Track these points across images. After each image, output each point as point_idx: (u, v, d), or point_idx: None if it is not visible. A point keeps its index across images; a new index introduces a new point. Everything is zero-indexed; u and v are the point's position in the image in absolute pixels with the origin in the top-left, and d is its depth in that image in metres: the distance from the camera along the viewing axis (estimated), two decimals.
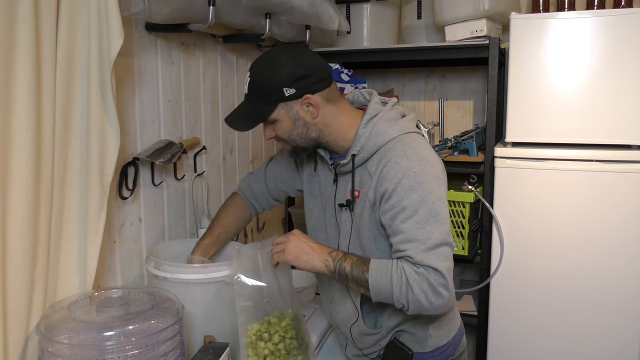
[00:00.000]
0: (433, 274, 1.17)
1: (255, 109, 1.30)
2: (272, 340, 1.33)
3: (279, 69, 1.26)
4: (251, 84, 1.30)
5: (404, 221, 1.22)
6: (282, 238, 1.32)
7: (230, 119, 1.35)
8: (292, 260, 1.28)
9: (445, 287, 1.17)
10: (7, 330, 1.09)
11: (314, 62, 1.30)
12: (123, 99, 1.48)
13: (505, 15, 2.18)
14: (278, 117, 1.30)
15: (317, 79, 1.29)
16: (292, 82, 1.26)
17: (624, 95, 1.89)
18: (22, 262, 1.10)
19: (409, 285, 1.18)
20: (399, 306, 1.22)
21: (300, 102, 1.28)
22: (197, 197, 1.89)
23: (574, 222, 1.97)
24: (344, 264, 1.25)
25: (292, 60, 1.27)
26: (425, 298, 1.17)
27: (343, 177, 1.38)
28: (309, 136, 1.33)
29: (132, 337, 1.12)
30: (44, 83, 1.11)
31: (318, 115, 1.30)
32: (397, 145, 1.27)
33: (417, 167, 1.24)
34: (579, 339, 2.00)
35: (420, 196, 1.21)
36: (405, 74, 2.79)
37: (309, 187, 1.51)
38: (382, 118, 1.32)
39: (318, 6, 1.99)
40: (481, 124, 2.63)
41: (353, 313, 1.42)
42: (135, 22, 1.52)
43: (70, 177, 1.23)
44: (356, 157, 1.31)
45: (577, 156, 1.95)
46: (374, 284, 1.22)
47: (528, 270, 2.04)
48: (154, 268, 1.42)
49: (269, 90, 1.27)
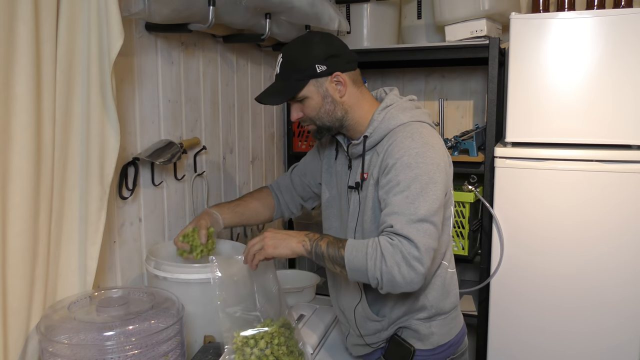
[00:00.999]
0: (407, 245, 1.18)
1: (287, 85, 1.35)
2: (259, 346, 1.33)
3: (311, 47, 1.34)
4: (283, 63, 1.36)
5: (396, 195, 1.25)
6: (256, 239, 1.34)
7: (260, 96, 1.39)
8: (272, 251, 1.30)
9: (419, 261, 1.18)
10: (7, 330, 1.09)
11: (343, 45, 1.40)
12: (123, 99, 1.48)
13: (505, 15, 2.18)
14: (308, 93, 1.35)
15: (347, 60, 1.37)
16: (324, 59, 1.33)
17: (624, 95, 1.89)
18: (22, 261, 1.10)
19: (383, 257, 1.19)
20: (374, 283, 1.22)
21: (330, 79, 1.35)
22: (197, 197, 1.89)
23: (573, 222, 1.97)
24: (320, 242, 1.29)
25: (323, 41, 1.36)
26: (399, 270, 1.17)
27: (356, 161, 1.43)
28: (335, 115, 1.37)
29: (132, 337, 1.12)
30: (44, 83, 1.12)
31: (345, 94, 1.36)
32: (406, 129, 1.33)
33: (420, 149, 1.28)
34: (579, 338, 2.00)
35: (415, 174, 1.25)
36: (405, 74, 2.79)
37: (327, 176, 1.55)
38: (397, 106, 1.38)
39: (318, 6, 1.99)
40: (481, 124, 2.63)
41: (356, 293, 1.44)
42: (135, 22, 1.52)
43: (70, 176, 1.23)
44: (368, 140, 1.37)
45: (577, 156, 1.95)
46: (349, 259, 1.23)
47: (528, 270, 2.04)
48: (154, 268, 1.42)
49: (301, 66, 1.33)
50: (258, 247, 1.32)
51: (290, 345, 1.38)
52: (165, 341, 1.18)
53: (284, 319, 1.42)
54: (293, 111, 1.40)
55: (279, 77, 1.37)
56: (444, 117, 2.60)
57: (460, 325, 1.51)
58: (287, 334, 1.39)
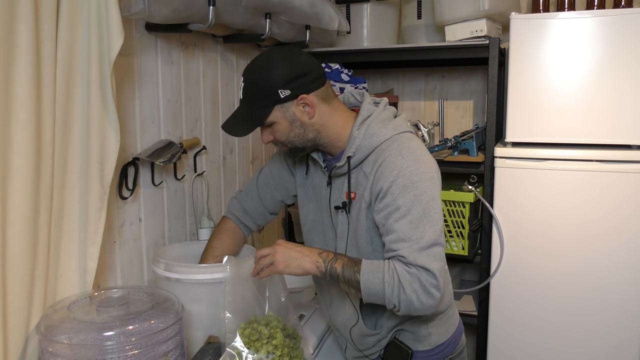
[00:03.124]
0: (425, 274, 1.17)
1: (252, 113, 1.29)
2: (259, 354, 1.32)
3: (272, 71, 1.24)
4: (245, 88, 1.29)
5: (398, 220, 1.22)
6: (266, 250, 1.30)
7: (227, 125, 1.33)
8: (283, 269, 1.26)
9: (437, 287, 1.18)
10: (7, 330, 1.09)
11: (307, 61, 1.28)
12: (123, 99, 1.48)
13: (505, 15, 2.18)
14: (275, 119, 1.28)
15: (312, 79, 1.27)
16: (287, 83, 1.24)
17: (624, 95, 1.89)
18: (22, 261, 1.10)
19: (401, 286, 1.18)
20: (390, 307, 1.22)
21: (296, 102, 1.27)
22: (197, 197, 1.89)
23: (573, 222, 1.97)
24: (335, 264, 1.25)
25: (284, 61, 1.25)
26: (417, 298, 1.17)
27: (337, 179, 1.38)
28: (306, 137, 1.31)
29: (132, 337, 1.12)
30: (44, 83, 1.12)
31: (315, 115, 1.29)
32: (392, 145, 1.27)
33: (412, 167, 1.24)
34: (579, 338, 2.00)
35: (414, 196, 1.21)
36: (405, 74, 2.79)
37: (302, 191, 1.50)
38: (375, 119, 1.32)
39: (318, 6, 1.99)
40: (481, 124, 2.63)
41: (353, 315, 1.42)
42: (135, 22, 1.52)
43: (70, 177, 1.23)
44: (352, 159, 1.31)
45: (576, 156, 1.95)
46: (366, 284, 1.21)
47: (528, 270, 2.04)
48: (164, 270, 1.41)
49: (263, 93, 1.26)
50: (268, 261, 1.27)
51: (294, 355, 1.37)
52: (165, 341, 1.18)
53: (291, 329, 1.41)
54: (263, 135, 1.34)
55: (243, 102, 1.31)
56: (444, 117, 2.60)
57: (457, 322, 1.50)
58: (292, 344, 1.38)
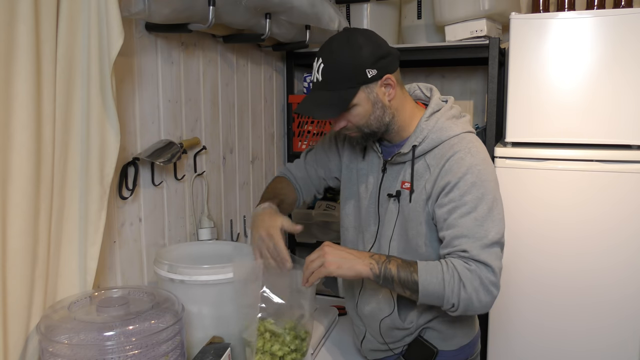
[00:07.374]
0: (485, 271, 1.18)
1: (337, 95, 1.24)
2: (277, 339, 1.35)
3: (359, 51, 1.22)
4: (327, 69, 1.23)
5: (463, 216, 1.21)
6: (314, 255, 1.26)
7: (308, 108, 1.28)
8: (335, 270, 1.23)
9: (495, 285, 1.19)
10: (7, 330, 1.09)
11: (385, 42, 1.28)
12: (123, 99, 1.48)
13: (505, 15, 2.18)
14: (358, 101, 1.25)
15: (393, 59, 1.27)
16: (373, 62, 1.22)
17: (624, 95, 1.89)
18: (22, 261, 1.10)
19: (462, 283, 1.17)
20: (447, 307, 1.21)
21: (380, 83, 1.25)
22: (197, 197, 1.89)
23: (573, 222, 1.97)
24: (389, 266, 1.22)
25: (368, 41, 1.24)
26: (477, 296, 1.18)
27: (393, 167, 1.36)
28: (383, 120, 1.29)
29: (132, 337, 1.12)
30: (44, 83, 1.11)
31: (394, 97, 1.28)
32: (461, 142, 1.28)
33: (481, 166, 1.25)
34: (579, 337, 2.00)
35: (481, 194, 1.22)
36: (405, 74, 2.77)
37: (347, 173, 1.48)
38: (445, 114, 1.32)
39: (318, 6, 1.99)
40: (481, 124, 2.63)
41: (387, 306, 1.39)
42: (135, 22, 1.52)
43: (70, 176, 1.23)
44: (417, 148, 1.30)
45: (576, 156, 1.95)
46: (424, 285, 1.19)
47: (528, 270, 2.04)
48: (167, 272, 1.40)
49: (350, 73, 1.22)
50: (318, 263, 1.24)
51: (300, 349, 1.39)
52: (165, 341, 1.17)
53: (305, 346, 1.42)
54: (337, 120, 1.29)
55: (322, 85, 1.24)
56: None
57: (477, 324, 1.50)
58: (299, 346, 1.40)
